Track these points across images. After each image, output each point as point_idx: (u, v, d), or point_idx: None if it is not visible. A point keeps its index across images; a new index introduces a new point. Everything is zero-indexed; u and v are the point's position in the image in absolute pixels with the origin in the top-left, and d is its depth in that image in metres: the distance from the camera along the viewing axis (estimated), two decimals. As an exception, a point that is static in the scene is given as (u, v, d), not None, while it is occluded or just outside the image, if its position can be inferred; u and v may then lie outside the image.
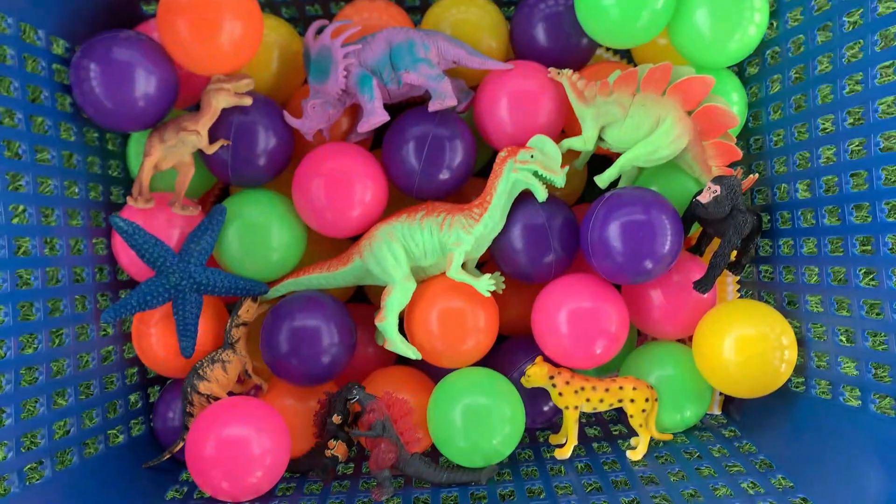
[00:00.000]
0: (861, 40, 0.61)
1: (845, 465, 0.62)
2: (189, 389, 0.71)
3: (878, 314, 0.61)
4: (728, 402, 0.80)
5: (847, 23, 0.63)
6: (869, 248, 0.61)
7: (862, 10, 0.61)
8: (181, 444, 0.73)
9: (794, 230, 0.72)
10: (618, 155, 0.73)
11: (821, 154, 0.67)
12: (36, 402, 0.63)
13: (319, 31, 0.73)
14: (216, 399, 0.72)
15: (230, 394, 0.74)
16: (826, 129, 0.67)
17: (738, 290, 0.80)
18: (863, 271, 0.63)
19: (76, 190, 0.71)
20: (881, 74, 0.59)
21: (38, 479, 0.62)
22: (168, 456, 0.74)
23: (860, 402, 0.63)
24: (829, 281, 0.67)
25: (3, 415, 0.59)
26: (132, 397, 0.77)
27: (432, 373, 0.77)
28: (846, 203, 0.64)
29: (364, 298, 0.85)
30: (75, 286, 0.69)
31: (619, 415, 0.83)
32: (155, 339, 0.73)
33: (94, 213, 0.73)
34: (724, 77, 0.75)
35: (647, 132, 0.71)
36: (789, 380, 0.71)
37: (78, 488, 0.65)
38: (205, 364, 0.71)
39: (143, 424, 0.78)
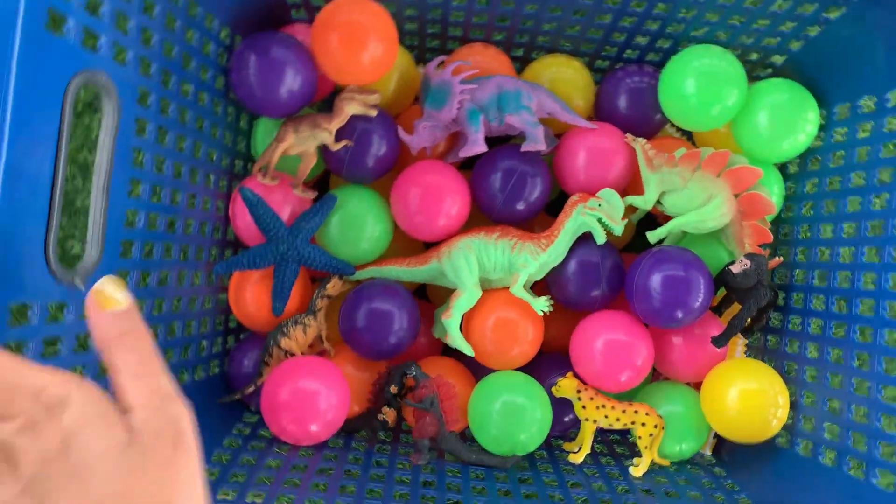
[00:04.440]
0: (893, 167, 0.74)
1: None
2: (272, 342, 0.83)
3: (865, 392, 0.74)
4: (719, 446, 0.93)
5: (882, 149, 0.77)
6: (868, 337, 0.74)
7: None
8: (252, 389, 0.84)
9: (803, 310, 0.84)
10: (667, 217, 0.86)
11: (839, 252, 0.80)
12: (158, 328, 0.74)
13: (440, 64, 0.85)
14: (292, 355, 0.83)
15: (302, 353, 0.85)
16: (848, 232, 0.80)
17: (746, 352, 0.93)
18: (858, 354, 0.76)
19: (214, 157, 0.83)
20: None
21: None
22: (239, 396, 0.85)
23: (835, 463, 0.75)
24: (827, 358, 0.80)
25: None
26: (216, 341, 0.88)
27: (473, 369, 0.89)
28: (855, 297, 0.77)
29: (425, 296, 0.97)
30: (201, 237, 0.81)
31: (622, 436, 0.95)
32: (251, 295, 0.85)
33: (221, 180, 0.85)
34: (770, 171, 0.88)
35: (699, 204, 0.83)
36: (778, 435, 0.83)
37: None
38: (289, 324, 0.83)
39: (218, 367, 0.89)
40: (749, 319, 0.89)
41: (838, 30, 0.78)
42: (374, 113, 0.82)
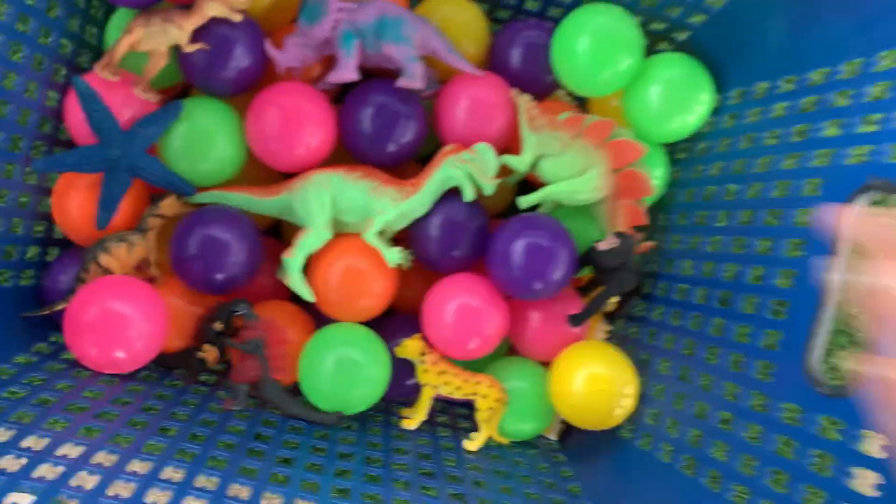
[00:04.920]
0: (774, 155, 0.71)
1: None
2: (90, 257, 0.74)
3: (708, 388, 0.70)
4: (567, 433, 0.88)
5: (766, 137, 0.73)
6: (721, 331, 0.70)
7: (780, 131, 0.70)
8: (62, 306, 0.75)
9: (666, 300, 0.81)
10: (543, 185, 0.81)
11: (708, 241, 0.76)
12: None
13: (325, -19, 0.77)
14: (110, 273, 0.75)
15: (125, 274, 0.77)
16: (721, 222, 0.76)
17: (607, 339, 0.88)
18: (711, 348, 0.72)
19: (50, 38, 0.73)
20: (777, 187, 0.68)
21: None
22: (47, 311, 0.76)
23: (671, 459, 0.71)
24: (680, 351, 0.76)
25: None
26: (31, 249, 0.79)
27: (318, 319, 0.82)
28: (715, 288, 0.73)
29: (278, 235, 0.90)
30: (19, 126, 0.71)
31: (470, 411, 0.90)
32: (76, 203, 0.75)
33: (56, 66, 0.75)
34: (656, 152, 0.84)
35: (575, 173, 0.78)
36: (622, 426, 0.79)
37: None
38: (112, 239, 0.74)
39: (33, 279, 0.80)
40: (615, 305, 0.86)
41: (741, 7, 0.74)
42: (238, 18, 0.73)
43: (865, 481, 0.50)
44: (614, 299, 0.84)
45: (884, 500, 0.48)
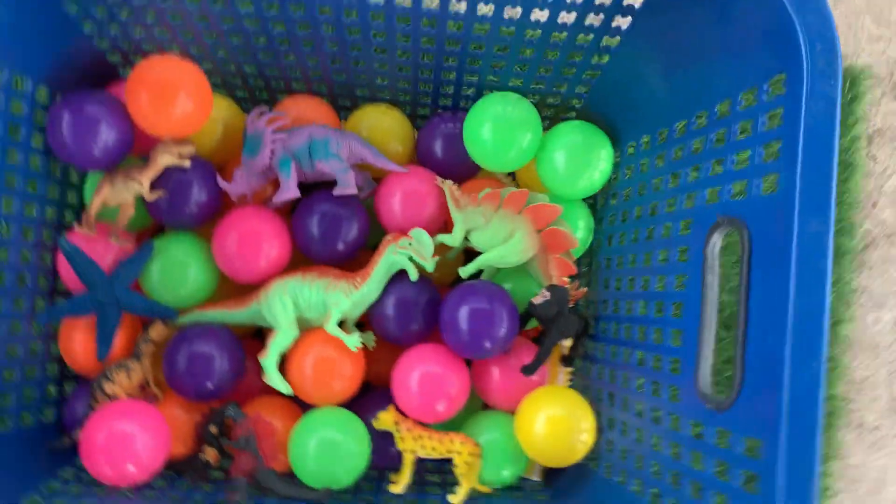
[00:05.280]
0: (657, 201, 0.80)
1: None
2: (96, 387, 0.85)
3: (657, 420, 0.78)
4: (551, 471, 0.96)
5: (655, 183, 0.82)
6: (642, 362, 0.79)
7: (661, 179, 0.80)
8: (79, 433, 0.86)
9: (605, 338, 0.89)
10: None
11: (626, 280, 0.85)
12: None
13: (260, 114, 0.90)
14: (116, 399, 0.86)
15: (129, 397, 0.88)
16: (631, 264, 0.85)
17: (571, 381, 0.97)
18: (637, 378, 0.80)
19: (34, 211, 0.86)
20: (664, 228, 0.78)
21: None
22: (68, 441, 0.88)
23: (623, 482, 0.79)
24: (619, 383, 0.84)
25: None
26: (49, 388, 0.91)
27: (305, 407, 0.92)
28: (634, 323, 0.82)
29: (262, 337, 1.00)
30: (18, 289, 0.84)
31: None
32: (78, 342, 0.87)
33: (45, 232, 0.88)
34: (576, 207, 0.94)
35: (502, 240, 0.88)
36: (589, 459, 0.87)
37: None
38: (113, 368, 0.86)
39: (54, 414, 0.91)
40: (568, 348, 0.94)
41: (614, 71, 0.84)
42: (187, 164, 0.86)
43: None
44: (568, 343, 0.93)
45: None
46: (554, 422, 0.85)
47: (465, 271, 0.90)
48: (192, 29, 0.84)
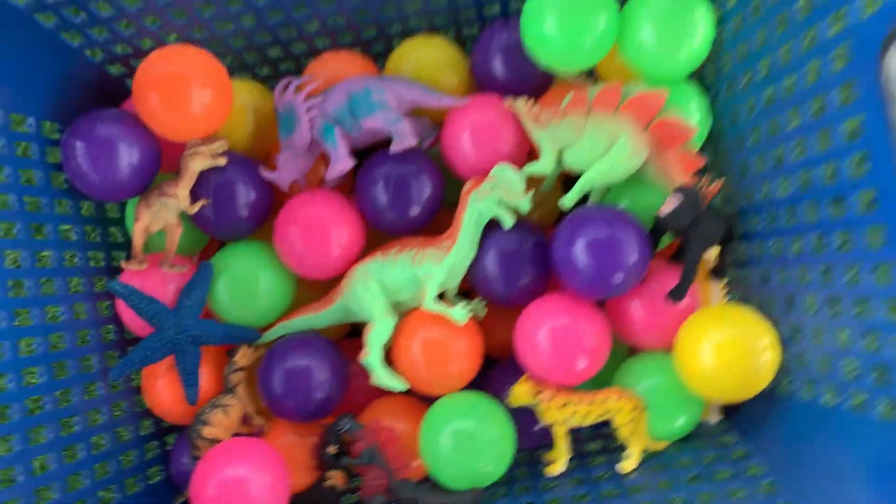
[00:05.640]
0: (792, 40, 0.62)
1: (827, 467, 0.62)
2: (194, 435, 0.75)
3: (839, 311, 0.61)
4: (730, 408, 0.80)
5: (776, 24, 0.64)
6: (821, 246, 0.61)
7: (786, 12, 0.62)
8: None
9: (762, 233, 0.72)
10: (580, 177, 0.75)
11: (771, 156, 0.67)
12: (45, 458, 0.68)
13: (285, 88, 0.77)
14: (219, 442, 0.76)
15: (235, 435, 0.78)
16: (776, 129, 0.67)
17: (728, 295, 0.80)
18: (823, 266, 0.63)
19: (76, 259, 0.76)
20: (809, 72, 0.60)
21: (55, 531, 0.67)
22: (182, 500, 0.78)
23: (836, 401, 0.62)
24: (794, 281, 0.67)
25: (14, 473, 0.64)
26: (148, 446, 0.81)
27: (426, 401, 0.79)
28: (797, 204, 0.64)
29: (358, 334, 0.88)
30: (80, 348, 0.74)
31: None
32: (162, 390, 0.78)
33: (96, 279, 0.79)
34: (683, 87, 0.76)
35: (603, 150, 0.72)
36: (778, 383, 0.71)
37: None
38: (206, 410, 0.76)
39: (161, 472, 0.82)
40: (715, 258, 0.77)
41: None
42: (222, 162, 0.74)
43: None
44: (714, 252, 0.76)
45: None
46: (725, 347, 0.68)
47: (567, 201, 0.75)
48: (189, 9, 0.72)
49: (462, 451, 0.71)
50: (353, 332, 0.88)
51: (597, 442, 0.82)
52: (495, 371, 0.80)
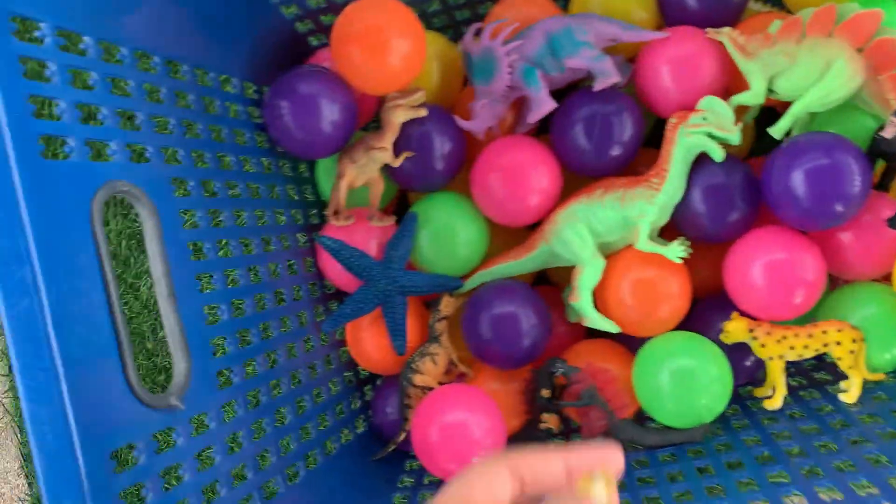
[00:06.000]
0: None
1: None
2: (405, 384, 0.77)
3: None
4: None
5: None
6: None
7: None
8: (403, 435, 0.79)
9: None
10: (786, 105, 0.73)
11: None
12: (284, 409, 0.70)
13: (477, 33, 0.76)
14: (430, 389, 0.77)
15: (440, 384, 0.79)
16: None
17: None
18: None
19: (283, 218, 0.78)
20: None
21: (296, 480, 0.69)
22: (393, 447, 0.80)
23: None
24: None
25: (263, 423, 0.66)
26: (352, 398, 0.83)
27: (627, 343, 0.79)
28: None
29: (546, 281, 0.88)
30: (296, 303, 0.76)
31: (818, 359, 0.83)
32: (367, 342, 0.79)
33: (300, 236, 0.80)
34: (892, 6, 0.73)
35: (818, 77, 0.70)
36: None
37: (327, 484, 0.72)
38: (416, 359, 0.77)
39: (364, 422, 0.84)
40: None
41: None
42: (423, 112, 0.74)
43: None
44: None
45: None
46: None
47: (778, 130, 0.73)
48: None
49: (683, 389, 0.71)
50: (537, 281, 0.88)
51: (797, 378, 0.81)
52: (698, 309, 0.79)
